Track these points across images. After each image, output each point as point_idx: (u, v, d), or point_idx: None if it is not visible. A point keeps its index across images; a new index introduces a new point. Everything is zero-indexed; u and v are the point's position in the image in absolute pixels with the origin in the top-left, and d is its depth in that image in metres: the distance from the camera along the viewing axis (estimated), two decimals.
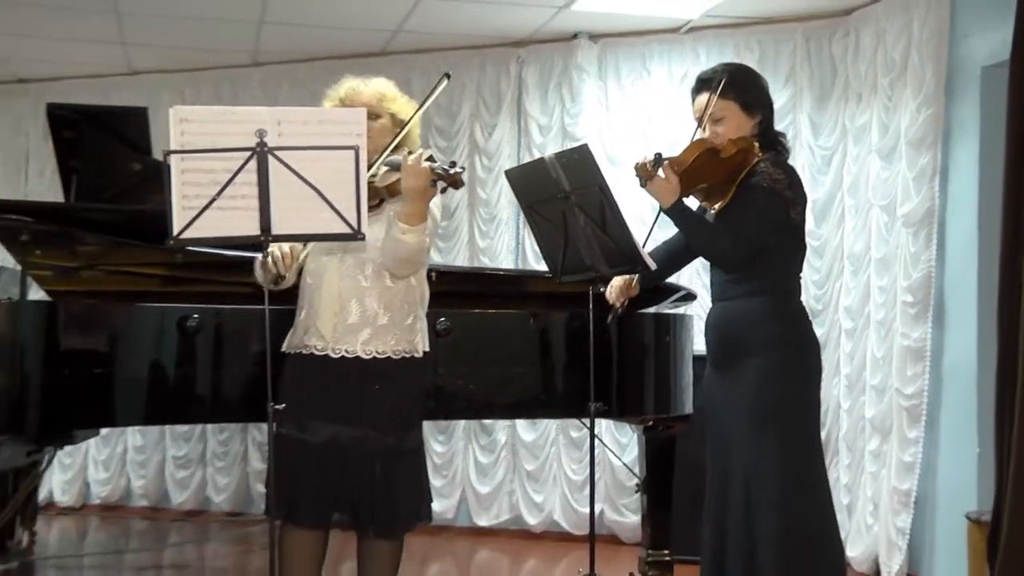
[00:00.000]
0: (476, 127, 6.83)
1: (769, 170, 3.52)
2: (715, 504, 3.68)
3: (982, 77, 5.03)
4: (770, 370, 3.51)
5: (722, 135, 3.58)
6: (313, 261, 3.61)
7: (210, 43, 6.86)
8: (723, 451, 3.64)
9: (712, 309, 3.72)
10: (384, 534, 3.65)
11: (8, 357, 3.59)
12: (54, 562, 6.10)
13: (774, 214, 3.51)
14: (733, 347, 3.58)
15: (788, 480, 3.48)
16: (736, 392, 3.57)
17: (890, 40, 5.52)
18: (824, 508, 3.57)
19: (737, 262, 3.55)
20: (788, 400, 3.53)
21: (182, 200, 3.10)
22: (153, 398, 3.96)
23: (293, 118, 3.19)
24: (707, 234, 3.60)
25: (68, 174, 4.95)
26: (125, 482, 7.59)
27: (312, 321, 3.56)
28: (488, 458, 6.76)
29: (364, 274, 3.56)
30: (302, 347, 3.58)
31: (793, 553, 3.43)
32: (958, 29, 5.16)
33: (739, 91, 3.58)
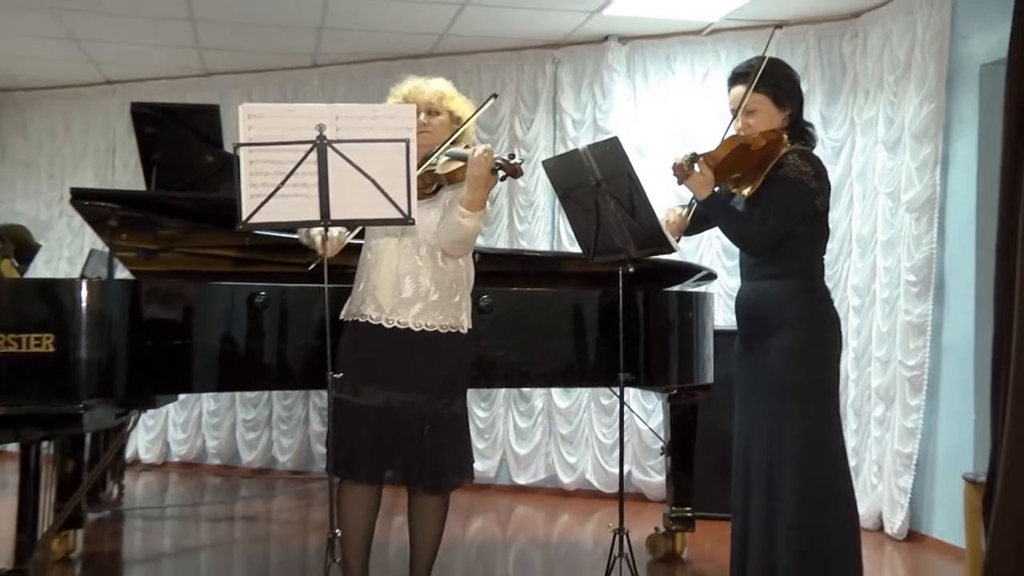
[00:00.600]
0: (515, 121, 6.81)
1: (797, 162, 3.45)
2: (740, 469, 3.64)
3: (981, 74, 4.99)
4: (794, 347, 3.46)
5: (754, 126, 3.50)
6: (374, 241, 3.63)
7: (275, 47, 6.87)
8: (748, 420, 3.60)
9: (741, 288, 3.68)
10: (432, 490, 3.67)
11: (98, 330, 3.61)
12: (139, 512, 6.17)
13: (800, 204, 3.45)
14: (760, 325, 3.54)
15: (808, 450, 3.44)
16: (762, 367, 3.52)
17: (895, 40, 5.47)
18: (841, 477, 3.52)
19: (763, 248, 3.49)
20: (810, 376, 3.48)
21: (250, 188, 3.11)
22: (225, 367, 3.98)
23: (350, 113, 3.19)
24: (738, 223, 3.53)
25: (150, 166, 4.98)
26: (200, 442, 7.67)
27: (370, 292, 3.58)
28: (526, 423, 6.77)
29: (419, 254, 3.57)
30: (359, 315, 3.59)
31: (811, 519, 3.39)
32: (959, 30, 5.11)
33: (771, 85, 3.50)
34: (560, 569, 4.93)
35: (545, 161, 3.83)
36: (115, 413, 4.30)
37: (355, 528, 3.62)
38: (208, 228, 4.49)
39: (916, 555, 5.14)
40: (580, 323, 4.47)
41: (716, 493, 5.27)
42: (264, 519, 6.09)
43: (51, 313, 3.57)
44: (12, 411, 3.51)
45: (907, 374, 5.28)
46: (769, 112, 3.52)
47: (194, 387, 4.27)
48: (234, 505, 6.48)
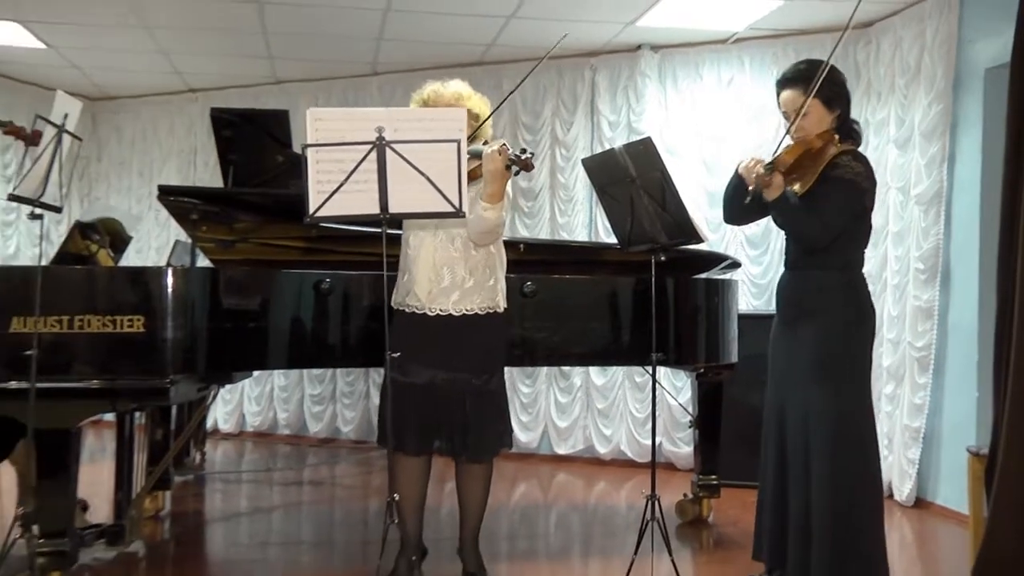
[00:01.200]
0: (556, 124, 6.78)
1: (851, 163, 3.39)
2: (773, 443, 3.59)
3: (985, 77, 4.92)
4: (832, 332, 3.41)
5: (806, 128, 3.42)
6: (412, 235, 3.64)
7: (339, 56, 6.89)
8: (782, 396, 3.54)
9: (785, 275, 3.61)
10: (475, 459, 3.68)
11: (182, 313, 3.63)
12: (219, 476, 6.24)
13: (855, 203, 3.39)
14: (802, 309, 3.48)
15: (841, 426, 3.38)
16: (801, 347, 3.46)
17: (906, 46, 5.41)
18: (870, 455, 3.45)
19: (823, 245, 3.42)
20: (846, 359, 3.42)
21: (316, 185, 3.12)
22: (294, 346, 4.00)
23: (406, 117, 3.20)
24: (801, 221, 3.43)
25: (227, 165, 5.01)
26: (272, 414, 7.74)
27: (411, 286, 3.60)
28: (566, 398, 6.76)
29: (454, 246, 3.58)
30: (404, 305, 3.62)
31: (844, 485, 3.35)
32: (965, 36, 5.04)
33: (822, 88, 3.39)
34: (597, 531, 4.92)
35: (584, 160, 3.82)
36: (197, 387, 4.34)
37: (409, 494, 3.63)
38: (279, 221, 4.51)
39: (923, 521, 5.09)
40: (615, 307, 4.45)
41: (740, 463, 5.29)
42: (329, 484, 6.13)
43: (141, 297, 3.59)
44: (108, 384, 3.54)
45: (915, 354, 5.25)
46: (820, 114, 3.44)
47: (267, 364, 4.30)
48: (302, 471, 6.53)
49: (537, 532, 4.88)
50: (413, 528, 3.68)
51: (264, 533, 4.84)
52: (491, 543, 4.19)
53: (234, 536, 4.80)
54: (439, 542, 4.10)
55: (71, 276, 3.74)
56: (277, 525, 5.02)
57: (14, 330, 3.45)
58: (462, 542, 3.81)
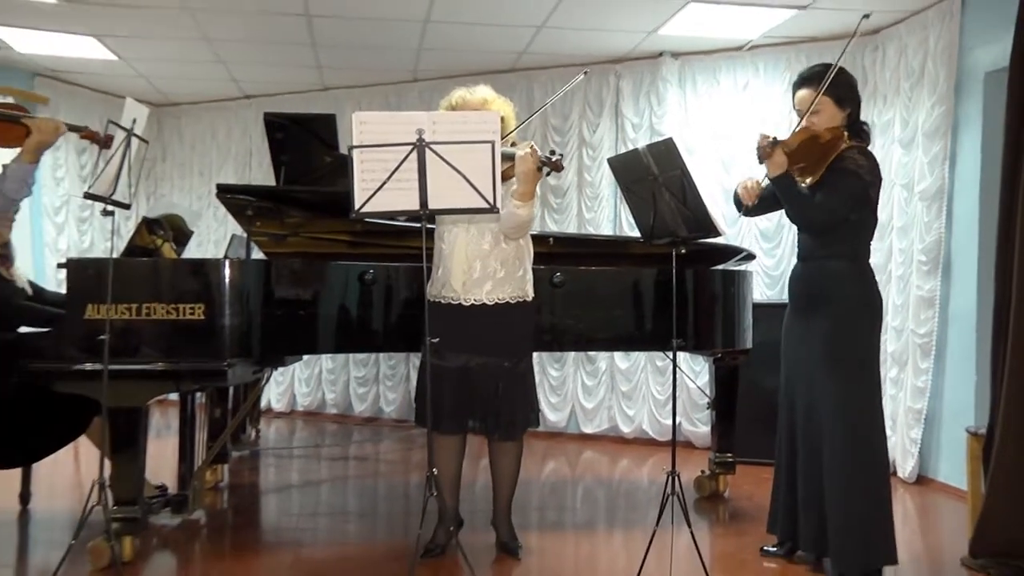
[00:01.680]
0: (583, 126, 6.76)
1: (856, 157, 3.40)
2: (786, 423, 3.61)
3: (984, 81, 4.87)
4: (843, 319, 3.41)
5: (818, 124, 3.45)
6: (446, 232, 3.64)
7: (381, 65, 6.90)
8: (796, 379, 3.56)
9: (797, 267, 3.62)
10: (506, 437, 3.69)
11: (239, 301, 3.66)
12: (272, 451, 6.29)
13: (857, 194, 3.39)
14: (814, 298, 3.48)
15: (850, 408, 3.39)
16: (813, 333, 3.47)
17: (910, 52, 5.36)
18: (876, 432, 3.46)
19: (822, 229, 3.45)
20: (855, 345, 3.42)
21: (361, 183, 3.13)
22: (340, 332, 4.01)
23: (444, 120, 3.20)
24: (802, 204, 3.45)
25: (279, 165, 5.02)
26: (321, 395, 7.79)
27: (447, 278, 3.60)
28: (592, 381, 6.75)
29: (485, 240, 3.58)
30: (440, 297, 3.62)
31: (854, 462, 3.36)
32: (965, 43, 4.99)
33: (834, 87, 3.43)
34: (620, 504, 4.91)
35: (610, 159, 3.80)
36: (252, 370, 4.38)
37: (446, 469, 3.65)
38: (327, 216, 4.53)
39: (924, 496, 5.06)
40: (638, 297, 4.43)
41: (754, 441, 5.28)
42: (373, 459, 6.16)
43: (202, 287, 3.62)
44: (172, 367, 3.57)
45: (918, 341, 5.22)
46: (831, 112, 3.47)
47: (315, 349, 4.31)
48: (348, 447, 6.57)
49: (565, 505, 4.88)
50: (450, 500, 3.71)
51: (313, 504, 4.87)
52: (522, 514, 4.20)
53: (286, 506, 4.84)
54: (474, 514, 4.12)
55: (139, 267, 3.78)
56: (325, 497, 5.05)
57: (89, 316, 3.49)
58: (495, 514, 3.82)
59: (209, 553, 3.94)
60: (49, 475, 5.06)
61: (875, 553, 3.36)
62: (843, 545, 3.35)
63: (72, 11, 5.68)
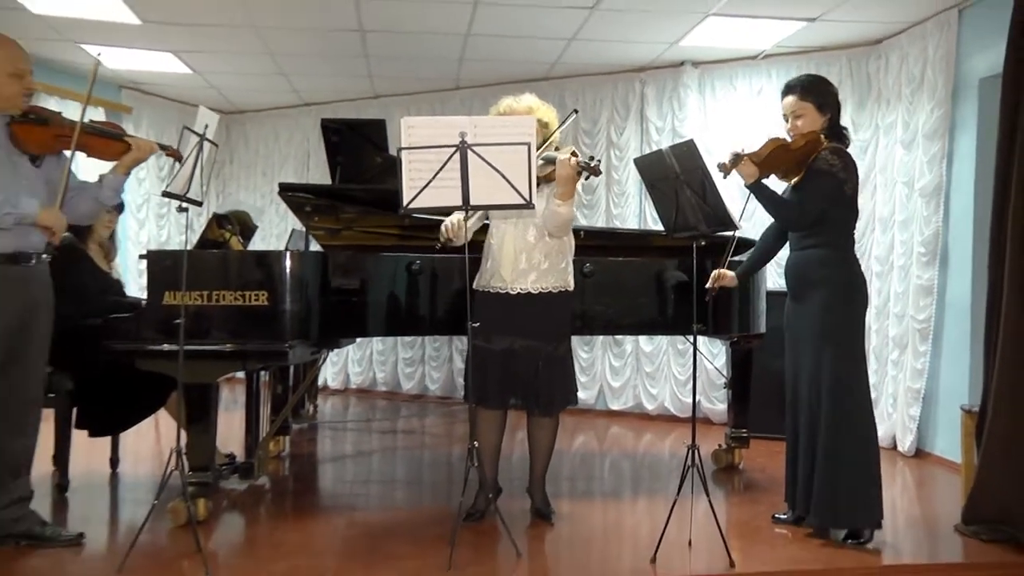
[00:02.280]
0: (611, 129, 6.72)
1: (828, 157, 3.44)
2: (791, 398, 3.62)
3: (979, 87, 4.82)
4: (830, 301, 3.45)
5: (800, 128, 3.50)
6: (495, 227, 3.65)
7: (427, 74, 6.90)
8: (796, 359, 3.59)
9: (789, 256, 3.65)
10: (544, 413, 3.68)
11: (298, 289, 3.68)
12: (328, 425, 6.34)
13: (830, 191, 3.42)
14: (805, 284, 3.52)
15: (840, 381, 3.42)
16: (806, 316, 3.51)
17: (911, 60, 5.30)
18: (864, 400, 3.51)
19: (802, 226, 3.50)
20: (842, 323, 3.46)
21: (409, 181, 3.14)
22: (390, 317, 4.03)
23: (485, 123, 3.20)
24: (780, 207, 3.53)
25: (334, 166, 5.06)
26: (372, 374, 7.84)
27: (495, 269, 3.60)
28: (619, 362, 6.73)
29: (530, 235, 3.58)
30: (489, 287, 3.62)
31: (843, 427, 3.41)
32: (962, 51, 4.94)
33: (815, 95, 3.50)
34: (644, 475, 4.89)
35: (636, 159, 3.77)
36: (310, 351, 4.40)
37: (487, 441, 3.66)
38: (377, 212, 4.55)
39: (922, 468, 5.01)
40: (662, 285, 4.40)
41: (767, 418, 5.25)
42: (419, 433, 6.19)
43: (265, 276, 3.64)
44: (239, 348, 3.60)
45: (917, 326, 5.18)
46: (813, 116, 3.52)
47: (367, 332, 4.33)
48: (397, 421, 6.61)
49: (594, 475, 4.88)
50: (490, 470, 3.71)
51: (365, 472, 4.90)
52: (555, 484, 4.20)
53: (340, 474, 4.88)
54: (511, 482, 4.13)
55: (210, 258, 3.82)
56: (376, 466, 5.08)
57: (166, 302, 3.53)
58: (531, 482, 3.83)
59: (272, 515, 3.99)
60: (134, 443, 5.15)
61: (859, 513, 3.41)
62: (825, 501, 3.41)
63: (153, 31, 5.77)
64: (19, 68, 3.09)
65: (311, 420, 6.34)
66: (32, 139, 3.15)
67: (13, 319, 3.14)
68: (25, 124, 3.14)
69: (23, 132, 3.14)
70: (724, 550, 3.27)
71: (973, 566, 3.34)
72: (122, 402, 4.20)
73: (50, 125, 3.18)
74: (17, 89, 3.10)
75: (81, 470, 4.37)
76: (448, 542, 3.20)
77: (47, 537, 3.35)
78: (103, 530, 3.68)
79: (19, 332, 3.18)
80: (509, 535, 3.37)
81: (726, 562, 3.22)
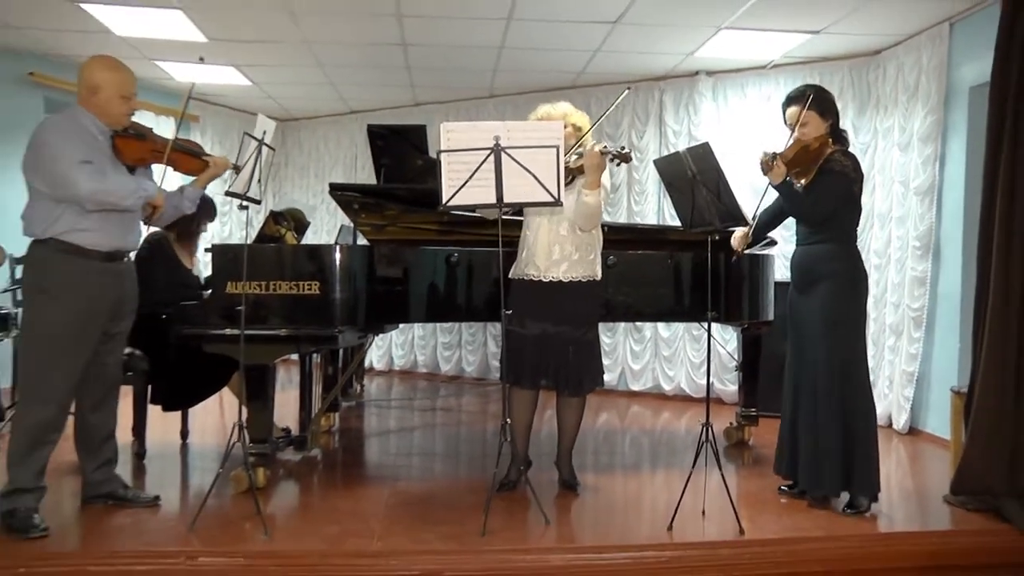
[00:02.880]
0: (632, 133, 6.67)
1: (840, 159, 3.42)
2: (790, 381, 3.61)
3: (969, 94, 4.77)
4: (834, 292, 3.42)
5: (807, 134, 3.47)
6: (531, 220, 3.64)
7: (463, 84, 6.90)
8: (800, 346, 3.56)
9: (796, 250, 3.61)
10: (573, 393, 3.67)
11: (347, 280, 3.69)
12: (374, 403, 6.36)
13: (842, 190, 3.40)
14: (810, 276, 3.49)
15: (842, 366, 3.40)
16: (810, 306, 3.48)
17: (907, 70, 5.24)
18: (864, 384, 3.48)
19: (816, 221, 3.47)
20: (845, 313, 3.43)
21: (448, 181, 3.14)
22: (430, 305, 4.03)
23: (517, 127, 3.19)
24: (799, 203, 3.49)
25: (379, 167, 5.07)
26: (413, 356, 7.87)
27: (530, 259, 3.59)
28: (639, 347, 6.69)
29: (563, 228, 3.57)
30: (523, 275, 3.61)
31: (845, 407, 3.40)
32: (953, 61, 4.89)
33: (817, 103, 3.46)
34: (662, 450, 4.87)
35: (655, 160, 3.75)
36: (357, 335, 4.43)
37: (520, 418, 3.66)
38: (419, 209, 4.55)
39: (915, 445, 4.95)
40: (678, 276, 4.37)
41: (774, 398, 5.13)
42: (456, 411, 6.19)
43: (317, 268, 3.66)
44: (293, 332, 3.62)
45: (911, 314, 5.13)
46: (816, 123, 3.49)
47: (409, 318, 4.35)
48: (436, 400, 6.62)
49: (615, 450, 4.87)
50: (522, 445, 3.72)
51: (407, 446, 4.92)
52: (580, 457, 4.19)
53: (385, 447, 4.90)
54: (540, 456, 4.12)
55: (267, 252, 3.84)
56: (417, 441, 5.11)
57: (229, 291, 3.57)
58: (559, 456, 3.83)
59: (324, 483, 4.03)
60: (201, 418, 5.23)
61: (858, 484, 3.40)
62: (827, 473, 3.41)
63: (217, 48, 5.83)
64: (128, 91, 3.21)
65: (358, 398, 6.37)
66: (130, 151, 3.23)
67: (109, 308, 3.24)
68: (126, 138, 3.23)
69: (123, 144, 3.22)
70: (735, 518, 3.25)
71: (959, 533, 3.35)
72: (191, 381, 4.26)
73: (146, 140, 3.27)
74: (125, 109, 3.21)
75: (156, 440, 4.45)
76: (483, 509, 3.21)
77: (128, 498, 3.45)
78: (175, 493, 3.75)
79: (112, 320, 3.28)
80: (538, 504, 3.38)
81: (736, 529, 3.21)
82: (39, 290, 3.12)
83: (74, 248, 3.09)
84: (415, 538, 3.11)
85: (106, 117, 3.18)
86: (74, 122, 3.12)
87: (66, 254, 3.08)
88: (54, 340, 3.09)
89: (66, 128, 3.09)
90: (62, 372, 3.11)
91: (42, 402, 3.10)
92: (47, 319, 3.09)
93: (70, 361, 3.13)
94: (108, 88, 3.14)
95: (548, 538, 3.18)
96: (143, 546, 2.99)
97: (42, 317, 3.10)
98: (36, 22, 5.42)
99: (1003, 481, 3.46)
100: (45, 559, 2.87)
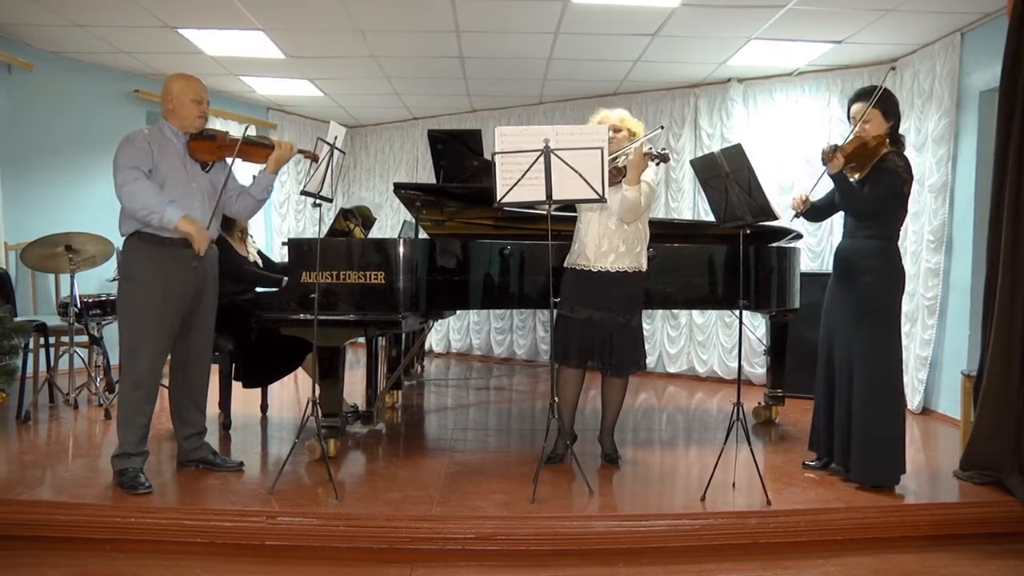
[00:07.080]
0: (669, 136, 6.56)
1: (895, 159, 3.29)
2: (824, 366, 3.50)
3: (980, 98, 4.66)
4: (875, 286, 3.30)
5: (868, 131, 3.32)
6: (584, 215, 3.62)
7: (515, 92, 6.87)
8: (834, 334, 3.45)
9: (842, 242, 3.49)
10: (616, 374, 3.64)
11: (409, 270, 3.70)
12: (433, 382, 6.40)
13: (895, 189, 3.27)
14: (853, 269, 3.37)
15: (876, 355, 3.30)
16: (850, 297, 3.37)
17: (921, 76, 5.13)
18: (897, 374, 3.36)
19: (866, 216, 3.33)
20: (883, 306, 3.32)
21: (501, 180, 3.14)
22: (485, 294, 4.03)
23: (565, 131, 3.16)
24: (854, 196, 3.34)
25: (439, 169, 5.09)
26: (469, 340, 7.91)
27: (582, 250, 3.57)
28: (675, 332, 6.62)
29: (611, 222, 3.54)
30: (575, 264, 3.59)
31: (876, 399, 3.29)
32: (965, 68, 4.77)
33: (882, 103, 3.31)
34: (695, 427, 4.81)
35: (691, 160, 3.68)
36: (419, 321, 4.46)
37: (567, 396, 3.65)
38: (475, 206, 4.55)
39: (928, 424, 4.85)
40: (712, 267, 4.29)
41: (799, 380, 5.15)
42: (508, 389, 6.19)
43: (382, 260, 3.67)
44: (360, 318, 3.64)
45: (926, 303, 5.03)
46: (879, 122, 3.33)
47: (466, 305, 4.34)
48: (489, 379, 6.63)
49: (653, 427, 4.82)
50: (568, 421, 3.70)
51: (463, 422, 4.94)
52: (621, 433, 4.16)
53: (443, 422, 4.92)
54: (585, 432, 4.11)
55: (338, 245, 3.85)
56: (472, 417, 5.12)
57: (303, 280, 3.62)
58: (602, 432, 3.80)
59: (388, 454, 4.07)
60: (279, 394, 5.34)
61: (886, 471, 3.34)
62: (862, 461, 3.33)
63: (294, 64, 5.93)
64: (199, 96, 3.30)
65: (419, 378, 6.43)
66: (202, 150, 3.32)
67: (189, 291, 3.29)
68: (198, 139, 3.32)
69: (196, 145, 3.31)
70: (762, 490, 3.20)
71: (967, 504, 3.31)
72: (270, 361, 4.34)
73: (216, 139, 3.34)
74: (197, 111, 3.29)
75: (240, 413, 4.55)
76: (532, 480, 3.22)
77: (217, 464, 3.54)
78: (257, 460, 3.82)
79: (194, 303, 3.33)
80: (583, 475, 3.36)
81: (763, 500, 3.16)
82: (126, 277, 3.23)
83: (154, 239, 3.18)
84: (470, 505, 3.12)
85: (182, 122, 3.27)
86: (144, 135, 3.20)
87: (147, 244, 3.18)
88: (139, 322, 3.17)
89: (132, 138, 3.18)
90: (149, 351, 3.18)
91: (134, 376, 3.19)
92: (132, 304, 3.19)
93: (154, 341, 3.19)
94: (181, 95, 3.25)
95: (592, 506, 3.16)
96: (230, 504, 3.07)
97: (129, 302, 3.21)
98: (140, 47, 5.66)
99: (1008, 458, 3.44)
100: (150, 512, 3.00)
